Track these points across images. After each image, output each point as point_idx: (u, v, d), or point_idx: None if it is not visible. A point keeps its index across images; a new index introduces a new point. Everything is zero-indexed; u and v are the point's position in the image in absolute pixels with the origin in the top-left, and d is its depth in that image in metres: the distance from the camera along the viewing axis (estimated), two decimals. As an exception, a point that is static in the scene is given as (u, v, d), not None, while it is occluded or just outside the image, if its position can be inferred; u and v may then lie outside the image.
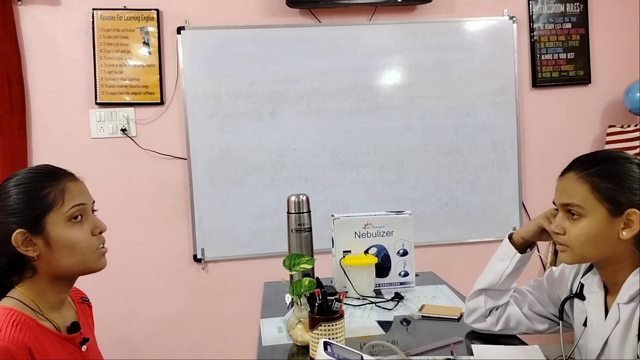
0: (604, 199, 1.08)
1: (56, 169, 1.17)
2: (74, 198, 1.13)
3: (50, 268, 1.12)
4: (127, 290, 2.89)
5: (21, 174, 1.15)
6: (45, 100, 2.82)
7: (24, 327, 1.04)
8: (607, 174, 1.09)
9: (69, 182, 1.15)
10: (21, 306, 1.08)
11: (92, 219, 1.18)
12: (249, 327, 2.47)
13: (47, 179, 1.13)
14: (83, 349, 1.18)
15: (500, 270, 1.31)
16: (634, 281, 1.10)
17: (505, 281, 1.32)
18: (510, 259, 1.31)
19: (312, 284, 1.32)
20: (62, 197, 1.12)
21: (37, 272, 1.12)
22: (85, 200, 1.16)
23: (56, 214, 1.11)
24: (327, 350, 1.02)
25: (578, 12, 3.10)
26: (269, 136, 2.91)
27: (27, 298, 1.10)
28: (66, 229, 1.11)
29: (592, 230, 1.09)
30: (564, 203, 1.13)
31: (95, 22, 2.79)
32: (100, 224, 1.18)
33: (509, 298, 1.35)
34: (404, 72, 2.98)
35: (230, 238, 2.91)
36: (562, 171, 1.16)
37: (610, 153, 1.16)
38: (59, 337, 1.13)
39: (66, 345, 1.14)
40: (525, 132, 3.12)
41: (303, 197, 1.72)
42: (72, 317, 1.22)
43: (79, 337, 1.18)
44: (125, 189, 2.87)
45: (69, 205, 1.12)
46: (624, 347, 1.09)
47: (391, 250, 1.81)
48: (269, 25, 2.91)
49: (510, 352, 1.28)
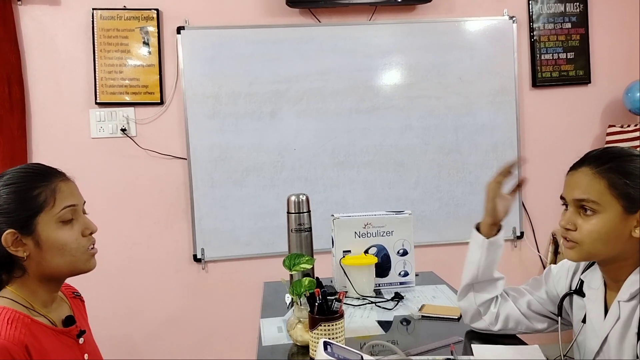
0: (620, 196, 1.06)
1: (47, 168, 1.16)
2: (65, 199, 1.13)
3: (40, 268, 1.11)
4: (127, 290, 2.89)
5: (11, 173, 1.14)
6: (45, 100, 2.82)
7: (19, 325, 1.03)
8: (623, 170, 1.07)
9: (61, 183, 1.14)
10: (14, 304, 1.08)
11: (83, 220, 1.17)
12: (249, 327, 2.47)
13: (38, 179, 1.12)
14: (80, 341, 1.18)
15: (476, 260, 1.31)
16: (636, 279, 1.09)
17: (485, 271, 1.31)
18: (480, 246, 1.31)
19: (312, 283, 1.32)
20: (54, 198, 1.11)
21: (26, 272, 1.11)
22: (76, 202, 1.15)
23: (47, 214, 1.10)
24: (327, 350, 1.02)
25: (578, 12, 3.10)
26: (269, 136, 2.91)
27: (19, 297, 1.10)
28: (56, 230, 1.11)
29: (605, 227, 1.07)
30: (578, 198, 1.11)
31: (95, 22, 2.79)
32: (91, 225, 1.18)
33: (500, 290, 1.34)
34: (403, 72, 2.98)
35: (230, 238, 2.91)
36: (573, 165, 1.14)
37: (622, 149, 1.14)
38: (55, 331, 1.13)
39: (63, 339, 1.14)
40: (525, 132, 3.12)
41: (303, 197, 1.72)
42: (66, 311, 1.21)
43: (75, 330, 1.18)
44: (125, 189, 2.87)
45: (60, 207, 1.11)
46: (623, 344, 1.09)
47: (391, 250, 1.81)
48: (269, 25, 2.91)
49: (510, 352, 1.28)
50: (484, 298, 1.34)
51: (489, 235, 1.32)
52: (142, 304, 2.92)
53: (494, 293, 1.34)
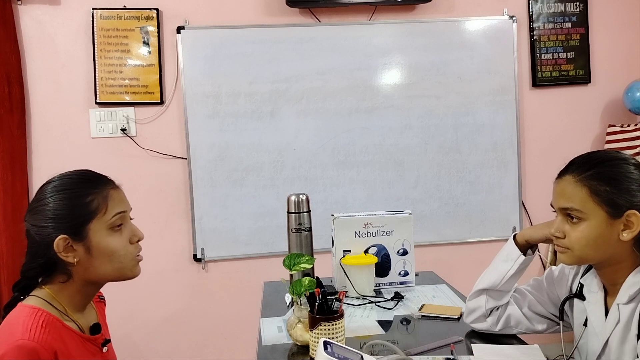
0: (603, 202, 1.07)
1: (98, 175, 1.17)
2: (116, 206, 1.14)
3: (87, 274, 1.12)
4: (127, 290, 2.86)
5: (62, 179, 1.14)
6: (45, 100, 2.82)
7: (51, 329, 1.04)
8: (604, 176, 1.08)
9: (111, 190, 1.15)
10: (47, 306, 1.08)
11: (131, 227, 1.18)
12: (249, 326, 2.48)
13: (90, 186, 1.13)
14: (104, 350, 1.19)
15: (504, 271, 1.31)
16: (634, 281, 1.10)
17: (508, 282, 1.32)
18: (514, 261, 1.30)
19: (312, 283, 1.32)
20: (106, 205, 1.12)
21: (71, 277, 1.11)
22: (125, 208, 1.17)
23: (99, 221, 1.11)
24: (327, 350, 1.02)
25: (578, 11, 3.10)
26: (269, 136, 2.91)
27: (54, 299, 1.10)
28: (107, 236, 1.12)
29: (592, 233, 1.09)
30: (562, 207, 1.13)
31: (95, 22, 2.79)
32: (138, 232, 1.19)
33: (509, 298, 1.35)
34: (403, 71, 2.98)
35: (230, 238, 2.91)
36: (559, 173, 1.16)
37: (606, 154, 1.15)
38: (82, 337, 1.13)
39: (88, 346, 1.14)
40: (525, 131, 3.12)
41: (303, 197, 1.72)
42: (93, 318, 1.22)
43: (101, 339, 1.18)
44: (125, 189, 2.83)
45: (112, 213, 1.12)
46: (624, 347, 1.09)
47: (391, 250, 1.81)
48: (269, 24, 2.91)
49: (510, 351, 1.28)
50: (495, 304, 1.34)
51: (525, 252, 1.31)
52: (142, 303, 2.92)
53: (505, 301, 1.34)
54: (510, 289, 1.34)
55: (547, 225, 1.23)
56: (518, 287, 1.37)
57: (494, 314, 1.34)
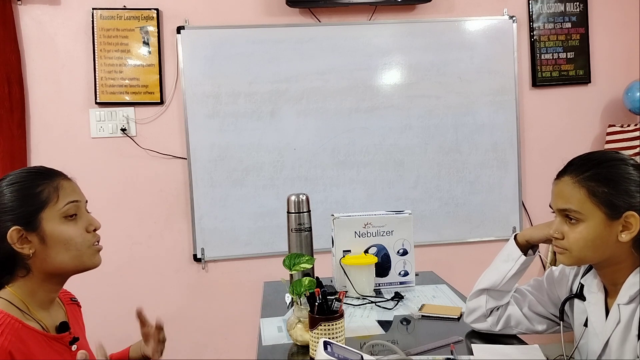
0: (601, 204, 1.07)
1: (49, 169, 1.19)
2: (68, 195, 1.14)
3: (45, 266, 1.12)
4: (127, 290, 2.89)
5: (14, 174, 1.16)
6: (44, 100, 2.82)
7: (6, 330, 1.03)
8: (603, 177, 1.08)
9: (62, 180, 1.16)
10: (8, 306, 1.08)
11: (86, 217, 1.18)
12: (249, 326, 2.47)
13: (40, 178, 1.14)
14: (73, 348, 1.17)
15: (504, 271, 1.31)
16: (634, 282, 1.10)
17: (508, 282, 1.32)
18: (515, 261, 1.30)
19: (312, 283, 1.32)
20: (57, 194, 1.13)
21: (30, 271, 1.11)
22: (79, 198, 1.17)
23: (51, 210, 1.11)
24: (327, 350, 1.02)
25: (578, 11, 3.10)
26: (269, 136, 2.91)
27: (16, 298, 1.10)
28: (61, 224, 1.12)
29: (591, 235, 1.08)
30: (561, 208, 1.12)
31: (95, 22, 2.79)
32: (95, 221, 1.19)
33: (509, 298, 1.35)
34: (403, 71, 2.98)
35: (230, 238, 2.91)
36: (557, 174, 1.16)
37: (604, 155, 1.14)
38: (47, 337, 1.12)
39: (55, 345, 1.13)
40: (525, 131, 3.12)
41: (303, 197, 1.72)
42: (61, 317, 1.21)
43: (68, 337, 1.17)
44: (125, 189, 2.87)
45: (64, 202, 1.13)
46: (625, 347, 1.09)
47: (391, 250, 1.81)
48: (269, 24, 2.91)
49: (510, 351, 1.28)
50: (496, 304, 1.34)
51: (526, 252, 1.31)
52: (142, 303, 2.89)
53: (505, 301, 1.34)
54: (511, 289, 1.34)
55: (547, 225, 1.23)
56: (518, 287, 1.37)
57: (494, 314, 1.34)
